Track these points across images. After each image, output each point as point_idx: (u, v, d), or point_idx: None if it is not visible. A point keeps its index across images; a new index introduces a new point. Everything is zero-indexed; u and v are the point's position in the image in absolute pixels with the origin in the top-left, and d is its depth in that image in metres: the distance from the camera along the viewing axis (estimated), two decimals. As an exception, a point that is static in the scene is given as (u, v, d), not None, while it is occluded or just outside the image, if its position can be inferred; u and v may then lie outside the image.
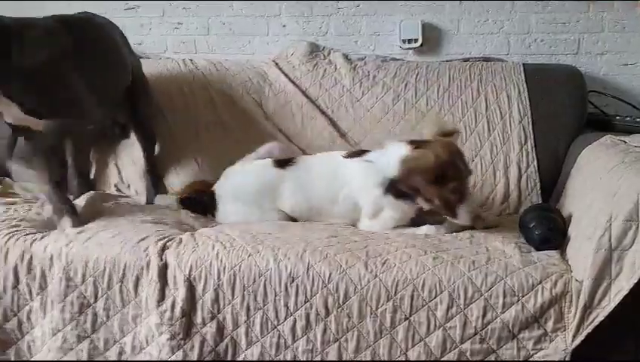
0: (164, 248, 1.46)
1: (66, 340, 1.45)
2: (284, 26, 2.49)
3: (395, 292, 1.33)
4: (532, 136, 2.04)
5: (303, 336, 1.36)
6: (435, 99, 2.11)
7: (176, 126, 2.24)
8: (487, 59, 2.27)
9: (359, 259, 1.39)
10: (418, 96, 2.12)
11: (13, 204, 1.86)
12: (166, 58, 2.49)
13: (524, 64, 2.20)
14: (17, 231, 1.56)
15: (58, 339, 1.45)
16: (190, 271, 1.41)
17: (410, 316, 1.32)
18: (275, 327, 1.38)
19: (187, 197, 1.91)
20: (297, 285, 1.37)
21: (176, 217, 1.79)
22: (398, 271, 1.34)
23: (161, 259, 1.43)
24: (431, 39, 2.38)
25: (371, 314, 1.34)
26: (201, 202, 1.86)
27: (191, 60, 2.40)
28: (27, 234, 1.55)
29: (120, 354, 1.45)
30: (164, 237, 1.51)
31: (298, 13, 2.46)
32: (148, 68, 2.34)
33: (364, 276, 1.35)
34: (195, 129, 2.22)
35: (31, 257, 1.48)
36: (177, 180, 2.11)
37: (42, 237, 1.53)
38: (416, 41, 2.35)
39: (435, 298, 1.31)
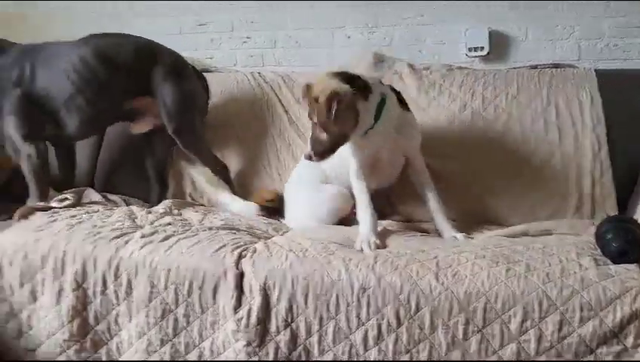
0: (240, 257, 1.53)
1: (151, 343, 1.54)
2: (348, 37, 2.53)
3: (468, 304, 1.33)
4: (606, 145, 1.98)
5: (374, 346, 1.38)
6: (502, 108, 2.08)
7: (246, 136, 2.33)
8: (556, 66, 2.22)
9: (430, 270, 1.40)
10: (485, 104, 2.10)
11: (95, 211, 1.99)
12: (235, 71, 2.59)
13: (596, 70, 2.14)
14: (103, 237, 1.67)
15: (144, 342, 1.54)
16: (265, 280, 1.46)
17: (483, 328, 1.32)
18: (347, 337, 1.41)
19: (265, 206, 2.03)
20: (369, 296, 1.39)
21: (249, 223, 1.87)
22: (470, 283, 1.34)
23: (238, 268, 1.50)
24: (498, 47, 2.36)
25: (443, 325, 1.34)
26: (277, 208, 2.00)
27: (259, 73, 2.48)
28: (112, 240, 1.65)
29: (200, 356, 1.52)
30: (240, 246, 1.58)
31: (362, 25, 2.50)
32: (218, 81, 2.45)
33: (435, 287, 1.36)
34: (263, 139, 2.30)
35: (118, 264, 1.58)
36: (248, 188, 2.20)
37: (126, 243, 1.63)
38: (482, 49, 2.34)
39: (508, 311, 1.30)
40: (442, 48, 2.43)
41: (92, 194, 2.26)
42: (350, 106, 1.66)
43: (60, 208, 2.01)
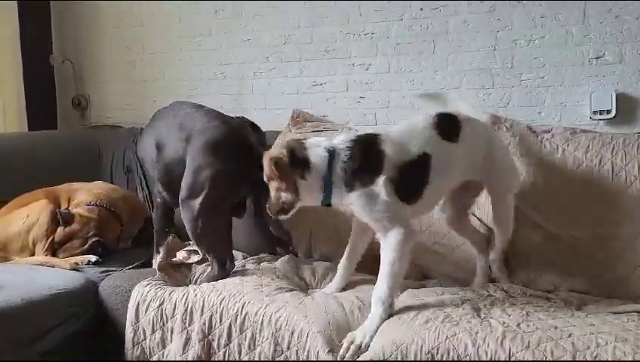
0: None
1: (271, 399, 1.57)
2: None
3: (611, 393, 1.24)
4: None
5: None
6: (635, 175, 1.96)
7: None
8: (693, 131, 2.08)
9: (566, 350, 1.33)
10: (615, 171, 1.98)
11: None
12: (349, 130, 2.65)
13: None
14: (228, 292, 1.74)
15: (265, 398, 1.58)
16: (384, 349, 1.46)
17: (629, 420, 1.22)
18: (474, 414, 1.36)
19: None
20: (499, 373, 1.34)
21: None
22: (613, 370, 1.26)
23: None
24: (625, 110, 2.24)
25: (582, 412, 1.26)
26: None
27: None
28: (237, 295, 1.72)
29: (318, 420, 1.52)
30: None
31: (479, 86, 2.49)
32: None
33: (573, 371, 1.29)
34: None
35: (244, 319, 1.64)
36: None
37: (252, 300, 1.69)
38: (608, 112, 2.24)
39: (658, 404, 1.21)
40: (563, 110, 2.35)
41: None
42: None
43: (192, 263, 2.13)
